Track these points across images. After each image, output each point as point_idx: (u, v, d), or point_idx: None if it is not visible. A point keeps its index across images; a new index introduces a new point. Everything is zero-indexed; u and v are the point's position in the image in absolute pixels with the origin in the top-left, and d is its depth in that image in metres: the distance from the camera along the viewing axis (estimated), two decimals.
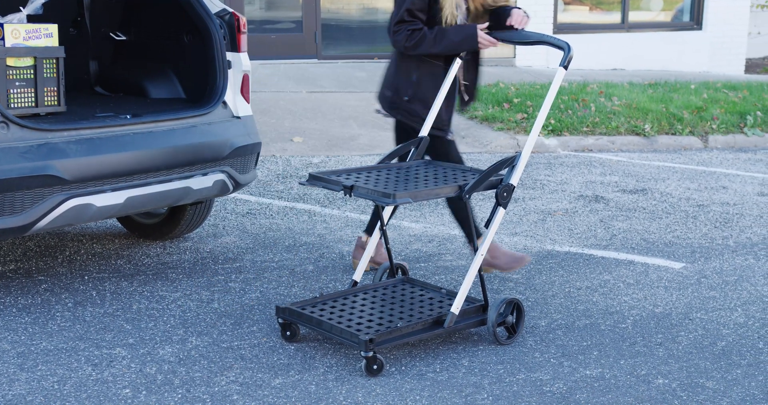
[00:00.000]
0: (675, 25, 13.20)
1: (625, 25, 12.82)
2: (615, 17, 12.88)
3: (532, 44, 4.03)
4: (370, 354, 3.31)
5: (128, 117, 4.19)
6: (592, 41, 12.39)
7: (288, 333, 3.64)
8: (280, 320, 3.63)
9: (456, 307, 3.55)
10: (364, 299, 3.79)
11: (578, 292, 4.39)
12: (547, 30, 12.08)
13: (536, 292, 4.35)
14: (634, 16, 12.94)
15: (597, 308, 4.16)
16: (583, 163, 7.71)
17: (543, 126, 8.48)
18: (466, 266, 4.71)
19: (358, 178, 3.61)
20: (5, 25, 4.03)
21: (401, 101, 4.18)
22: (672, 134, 8.79)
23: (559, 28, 12.27)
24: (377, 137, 8.14)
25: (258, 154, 4.57)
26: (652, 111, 9.13)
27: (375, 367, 3.34)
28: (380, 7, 11.96)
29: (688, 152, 8.44)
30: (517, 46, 11.92)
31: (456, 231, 5.40)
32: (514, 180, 3.59)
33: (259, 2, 11.44)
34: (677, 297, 4.35)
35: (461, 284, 3.73)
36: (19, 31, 4.06)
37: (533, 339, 3.77)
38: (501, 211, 3.59)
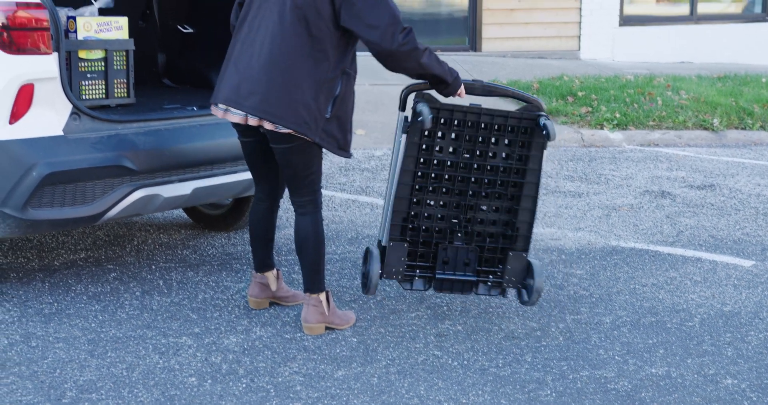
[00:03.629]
0: (746, 17, 12.89)
1: (693, 17, 12.57)
2: (683, 9, 12.63)
3: (498, 96, 3.84)
4: None
5: (195, 109, 4.24)
6: (659, 34, 12.17)
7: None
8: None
9: None
10: None
11: (644, 289, 4.32)
12: (613, 22, 11.91)
13: (601, 289, 4.30)
14: (703, 8, 12.68)
15: (663, 306, 4.09)
16: (649, 157, 7.59)
17: (608, 119, 8.37)
18: None
19: None
20: (77, 18, 4.11)
21: (321, 120, 3.43)
22: (742, 129, 8.59)
23: (626, 20, 12.08)
24: None
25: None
26: (721, 105, 8.93)
27: None
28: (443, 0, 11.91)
29: (759, 147, 8.25)
30: (582, 38, 11.77)
31: None
32: None
33: None
34: (746, 295, 4.26)
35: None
36: (90, 23, 4.14)
37: (597, 336, 3.72)
38: None
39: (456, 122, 3.65)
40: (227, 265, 4.50)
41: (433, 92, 3.66)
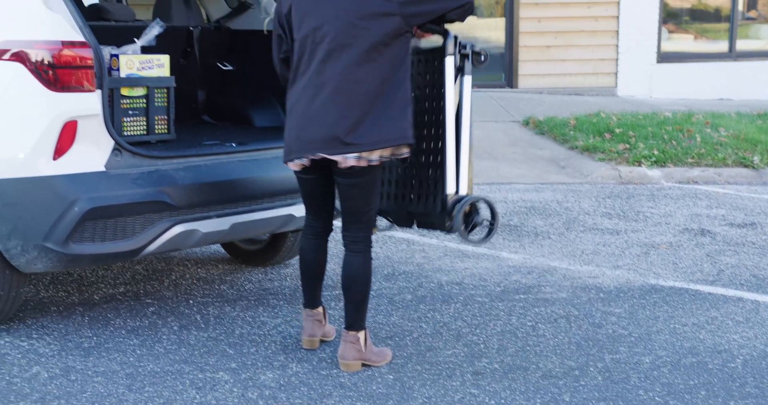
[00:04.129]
0: None
1: (732, 54, 12.51)
2: (722, 46, 12.57)
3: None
4: None
5: (234, 145, 4.29)
6: (697, 70, 12.12)
7: None
8: None
9: None
10: None
11: (684, 328, 4.26)
12: (650, 59, 11.89)
13: (640, 328, 4.24)
14: (741, 45, 12.61)
15: (704, 346, 4.03)
16: (688, 195, 7.52)
17: (646, 156, 8.32)
18: (567, 298, 4.63)
19: None
20: (120, 56, 4.19)
21: (410, 128, 3.51)
22: None
23: (663, 57, 12.05)
24: (476, 166, 8.12)
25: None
26: (762, 142, 8.84)
27: None
28: (479, 35, 11.97)
29: None
30: (619, 75, 11.74)
31: (556, 262, 5.33)
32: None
33: None
34: None
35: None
36: (133, 61, 4.21)
37: (637, 376, 3.67)
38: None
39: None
40: (264, 301, 4.51)
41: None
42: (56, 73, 3.64)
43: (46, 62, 3.63)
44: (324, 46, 3.43)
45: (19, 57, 3.64)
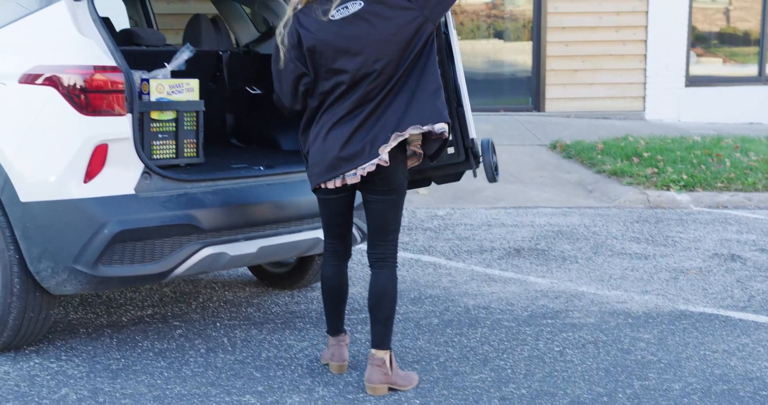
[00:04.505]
0: None
1: (762, 78, 12.42)
2: (751, 70, 12.50)
3: None
4: None
5: (261, 168, 4.31)
6: (726, 94, 12.04)
7: None
8: None
9: None
10: None
11: (714, 355, 4.20)
12: (679, 83, 11.83)
13: (669, 354, 4.19)
14: None
15: (735, 373, 3.97)
16: (718, 220, 7.45)
17: (674, 180, 8.26)
18: (595, 324, 4.59)
19: None
20: (151, 81, 4.23)
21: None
22: None
23: (692, 81, 12.00)
24: (503, 190, 8.10)
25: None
26: None
27: None
28: (506, 59, 12.00)
29: None
30: (647, 99, 11.70)
31: (584, 287, 5.29)
32: None
33: None
34: None
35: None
36: (163, 85, 4.26)
37: (667, 403, 3.62)
38: None
39: None
40: (290, 324, 4.51)
41: None
42: (88, 97, 3.69)
43: (78, 86, 3.68)
44: (365, 78, 3.48)
45: (52, 81, 3.69)
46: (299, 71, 3.55)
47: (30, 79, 3.74)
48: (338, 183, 3.56)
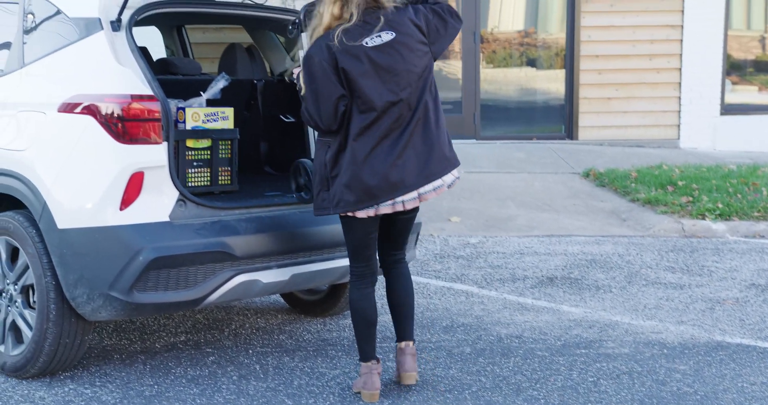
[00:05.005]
0: None
1: None
2: None
3: None
4: None
5: (295, 196, 4.34)
6: (762, 123, 11.92)
7: None
8: None
9: None
10: None
11: (752, 387, 4.13)
12: (714, 111, 11.74)
13: (706, 386, 4.13)
14: None
15: None
16: (755, 249, 7.35)
17: (710, 209, 8.18)
18: (630, 354, 4.54)
19: None
20: (186, 109, 4.29)
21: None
22: None
23: (727, 109, 11.89)
24: (535, 218, 8.07)
25: (418, 233, 4.62)
26: None
27: None
28: (538, 87, 11.99)
29: None
30: (682, 127, 11.62)
31: (618, 317, 5.24)
32: None
33: None
34: None
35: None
36: (198, 114, 4.31)
37: None
38: None
39: None
40: (322, 351, 4.51)
41: None
42: (125, 126, 3.75)
43: (115, 115, 3.74)
44: (394, 106, 3.65)
45: (90, 110, 3.75)
46: (339, 93, 3.63)
47: (69, 108, 3.80)
48: (371, 213, 3.70)
